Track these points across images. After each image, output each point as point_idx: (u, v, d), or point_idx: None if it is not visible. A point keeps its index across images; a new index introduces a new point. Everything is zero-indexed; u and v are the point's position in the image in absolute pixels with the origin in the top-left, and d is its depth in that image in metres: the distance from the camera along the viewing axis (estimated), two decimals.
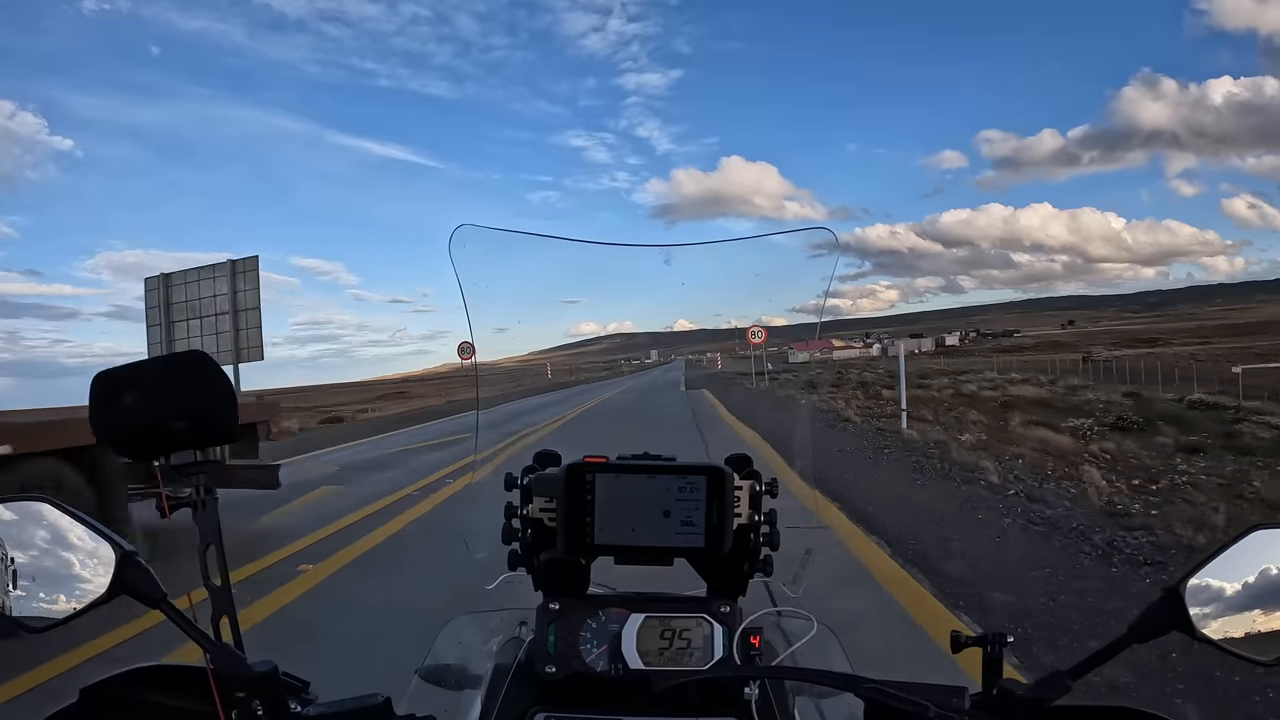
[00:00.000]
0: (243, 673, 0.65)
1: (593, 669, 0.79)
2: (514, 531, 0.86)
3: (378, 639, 3.13)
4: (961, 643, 0.71)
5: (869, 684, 0.64)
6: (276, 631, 3.49)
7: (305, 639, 3.35)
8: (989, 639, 0.69)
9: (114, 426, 0.70)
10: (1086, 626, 3.16)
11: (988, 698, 0.66)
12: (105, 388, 0.70)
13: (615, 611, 0.81)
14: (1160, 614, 0.64)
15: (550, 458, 0.89)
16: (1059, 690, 0.64)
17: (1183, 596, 0.63)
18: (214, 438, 0.73)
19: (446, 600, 3.24)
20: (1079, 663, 0.65)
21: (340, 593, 4.10)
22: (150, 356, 0.72)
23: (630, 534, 0.81)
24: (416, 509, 6.29)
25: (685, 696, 0.76)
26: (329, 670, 1.19)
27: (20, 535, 0.67)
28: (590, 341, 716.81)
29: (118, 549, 0.67)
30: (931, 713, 0.61)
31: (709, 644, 0.80)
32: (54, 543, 0.68)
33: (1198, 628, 0.63)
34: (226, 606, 0.70)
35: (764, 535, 0.86)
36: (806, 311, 1.84)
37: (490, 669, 0.86)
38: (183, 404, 0.70)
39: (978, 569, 4.04)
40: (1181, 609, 0.63)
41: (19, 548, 0.67)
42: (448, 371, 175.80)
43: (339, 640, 3.35)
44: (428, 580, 4.06)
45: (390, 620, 3.40)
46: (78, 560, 0.67)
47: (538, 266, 1.07)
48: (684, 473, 0.81)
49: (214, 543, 0.71)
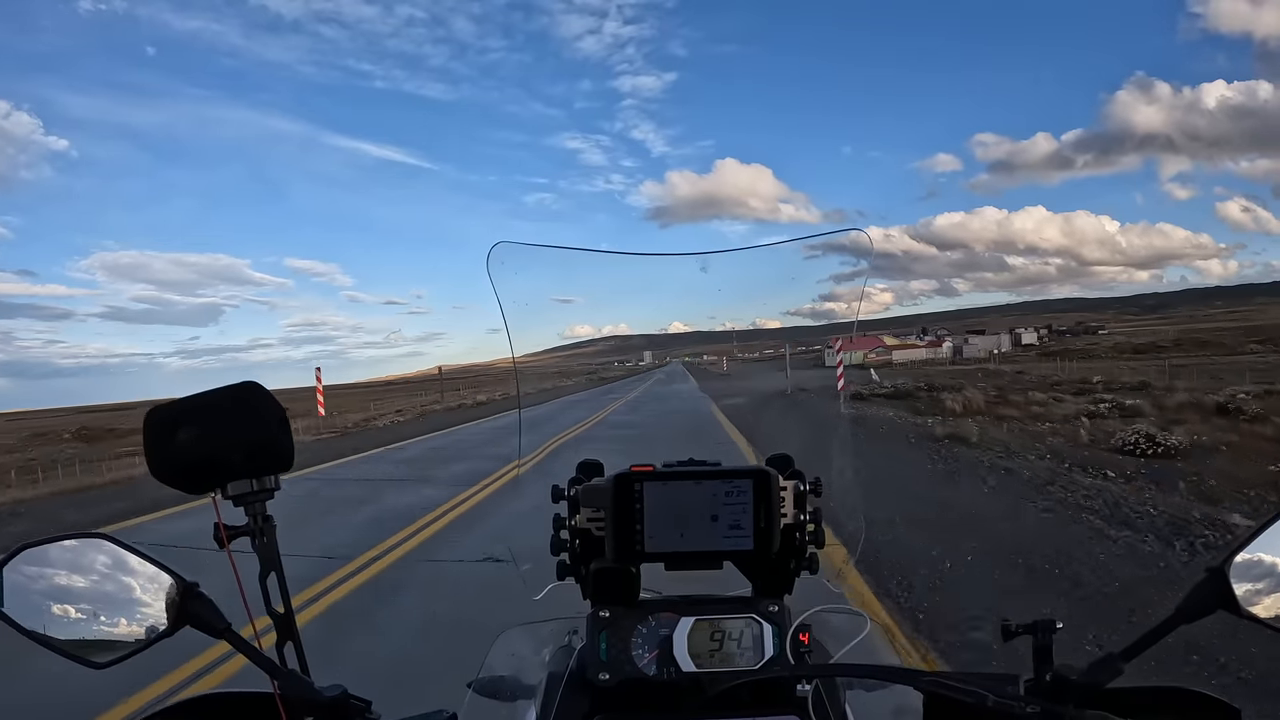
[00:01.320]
0: (311, 697, 0.66)
1: (645, 674, 0.79)
2: (562, 543, 0.87)
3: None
4: (1012, 631, 0.71)
5: (928, 677, 0.65)
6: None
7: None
8: (1038, 626, 0.69)
9: (170, 463, 0.71)
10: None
11: (1040, 683, 0.67)
12: (159, 425, 0.71)
13: (665, 616, 0.81)
14: (1206, 594, 0.64)
15: (594, 468, 0.90)
16: (1111, 673, 0.64)
17: (1227, 576, 0.64)
18: (270, 466, 0.73)
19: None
20: (1130, 645, 0.65)
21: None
22: (202, 391, 0.73)
23: (679, 540, 0.82)
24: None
25: (739, 697, 0.77)
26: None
27: (82, 571, 0.68)
28: (585, 344, 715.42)
29: (179, 582, 0.68)
30: (990, 701, 0.61)
31: (759, 644, 0.80)
32: (115, 578, 0.69)
33: (1243, 606, 0.64)
34: (290, 633, 0.71)
35: (809, 534, 0.87)
36: (801, 315, 1.87)
37: (544, 679, 0.86)
38: (237, 435, 0.71)
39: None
40: (1226, 588, 0.64)
41: (81, 584, 0.68)
42: (473, 369, 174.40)
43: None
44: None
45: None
46: (140, 595, 0.69)
47: (568, 280, 1.10)
48: (730, 477, 0.82)
49: (275, 570, 0.72)
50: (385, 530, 6.02)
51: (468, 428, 17.68)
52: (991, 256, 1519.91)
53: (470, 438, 14.84)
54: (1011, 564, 4.42)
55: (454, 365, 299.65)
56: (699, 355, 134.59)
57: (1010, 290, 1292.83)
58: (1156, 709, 0.70)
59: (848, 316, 1.23)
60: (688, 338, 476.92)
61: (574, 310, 1.73)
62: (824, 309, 1.99)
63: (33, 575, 0.67)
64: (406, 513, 6.75)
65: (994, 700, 0.61)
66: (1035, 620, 0.70)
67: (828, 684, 0.81)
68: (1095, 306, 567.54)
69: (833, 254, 1.14)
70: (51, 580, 0.68)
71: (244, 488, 0.73)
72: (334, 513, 7.05)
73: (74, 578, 0.68)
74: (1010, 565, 4.40)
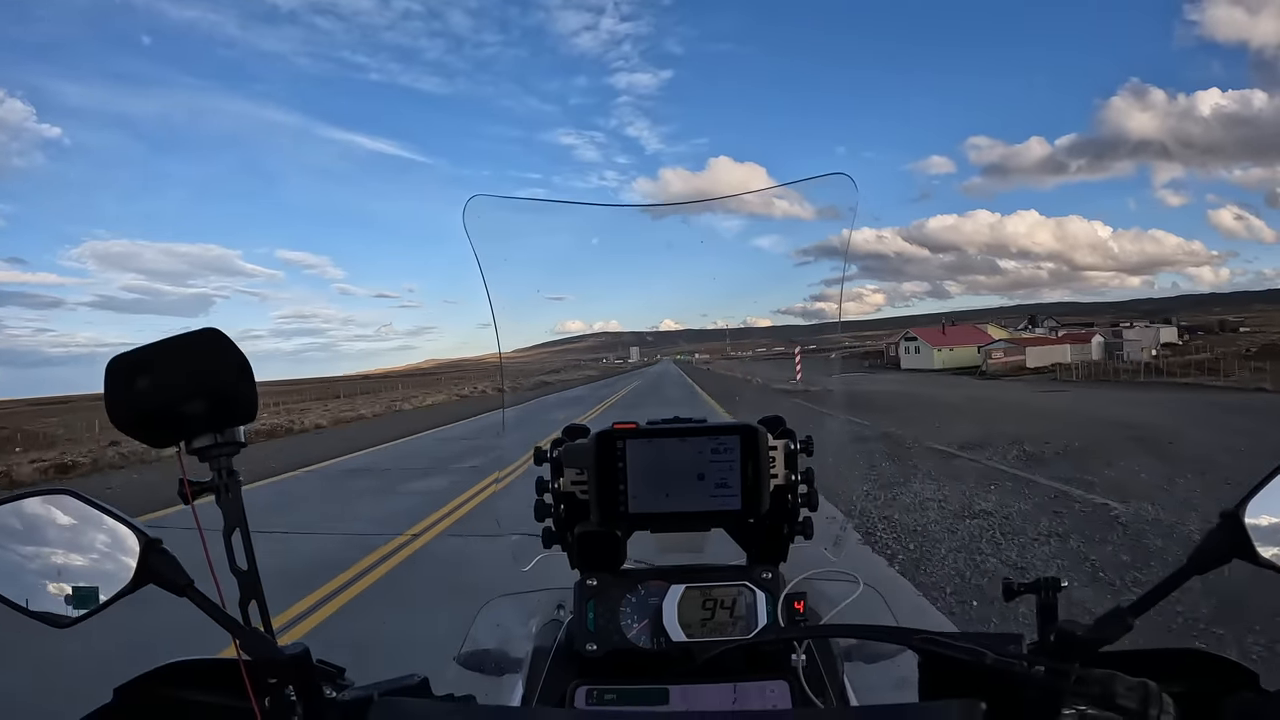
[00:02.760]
0: (273, 656, 0.63)
1: (635, 644, 0.76)
2: (546, 507, 0.83)
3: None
4: (1015, 590, 0.68)
5: (922, 635, 0.61)
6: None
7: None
8: (1041, 584, 0.66)
9: (130, 412, 0.67)
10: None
11: (1045, 643, 0.62)
12: (119, 372, 0.66)
13: (655, 584, 0.79)
14: (1220, 541, 0.58)
15: (579, 431, 0.87)
16: (1120, 629, 0.59)
17: (1243, 521, 0.58)
18: (233, 418, 0.69)
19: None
20: (1139, 599, 0.60)
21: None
22: (164, 338, 0.67)
23: (664, 500, 0.79)
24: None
25: (730, 665, 0.74)
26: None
27: (45, 529, 0.67)
28: (575, 339, 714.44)
29: (142, 537, 0.65)
30: (989, 659, 0.57)
31: (752, 611, 0.77)
32: (79, 534, 0.67)
33: (1261, 554, 0.58)
34: (255, 592, 0.68)
35: (802, 496, 0.83)
36: (792, 314, 1.85)
37: (530, 651, 0.83)
38: (199, 384, 0.66)
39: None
40: (1242, 534, 0.58)
41: (46, 541, 0.67)
42: (431, 367, 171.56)
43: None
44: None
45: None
46: (103, 550, 0.67)
47: (549, 235, 1.04)
48: (716, 433, 0.79)
49: (240, 526, 0.69)
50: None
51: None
52: (984, 259, 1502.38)
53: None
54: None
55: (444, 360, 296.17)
56: (690, 354, 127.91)
57: (1002, 293, 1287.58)
58: (1169, 671, 0.64)
59: (835, 316, 1.22)
60: (678, 335, 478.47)
61: (564, 306, 1.71)
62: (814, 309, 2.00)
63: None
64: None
65: (993, 658, 0.57)
66: (1038, 578, 0.67)
67: (824, 654, 0.79)
68: (1089, 311, 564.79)
69: (824, 258, 1.14)
70: (14, 539, 0.66)
71: (208, 440, 0.69)
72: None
73: (37, 536, 0.66)
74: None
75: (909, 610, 3.83)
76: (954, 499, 6.72)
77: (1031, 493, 6.87)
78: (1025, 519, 5.89)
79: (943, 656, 0.60)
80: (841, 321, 1.18)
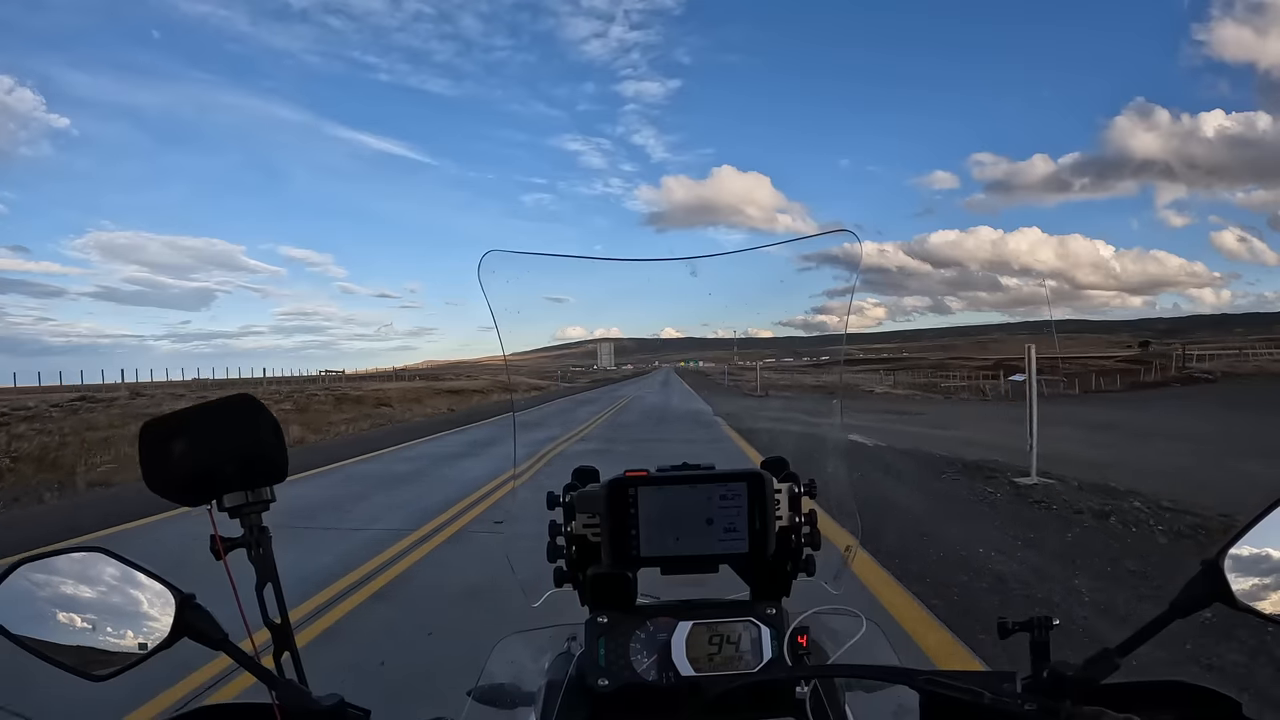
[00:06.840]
0: (309, 706, 0.65)
1: (644, 679, 0.79)
2: (559, 549, 0.87)
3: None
4: (1009, 628, 0.71)
5: (924, 676, 0.65)
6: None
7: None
8: (1035, 623, 0.69)
9: (165, 474, 0.71)
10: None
11: (1038, 680, 0.67)
12: (154, 437, 0.71)
13: (663, 620, 0.81)
14: (1201, 587, 0.64)
15: (589, 474, 0.90)
16: (1108, 668, 0.64)
17: (1222, 569, 0.63)
18: (265, 477, 0.73)
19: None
20: (1126, 640, 0.65)
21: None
22: (196, 404, 0.73)
23: (674, 544, 0.82)
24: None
25: (738, 700, 0.76)
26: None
27: (79, 585, 0.69)
28: (575, 345, 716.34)
29: (177, 594, 0.68)
30: (986, 699, 0.61)
31: (757, 646, 0.80)
32: (113, 591, 0.69)
33: (1239, 599, 0.63)
34: (288, 643, 0.71)
35: (805, 535, 0.87)
36: (793, 325, 1.84)
37: (543, 686, 0.86)
38: (232, 447, 0.71)
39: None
40: (1222, 581, 0.63)
41: (79, 597, 0.68)
42: (427, 368, 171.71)
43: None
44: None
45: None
46: (137, 607, 0.69)
47: (560, 285, 1.04)
48: (724, 480, 0.82)
49: (271, 580, 0.72)
50: None
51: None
52: (985, 276, 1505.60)
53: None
54: None
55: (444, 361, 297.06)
56: (694, 361, 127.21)
57: (1003, 310, 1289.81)
58: (1156, 703, 0.69)
59: (838, 329, 1.22)
60: (679, 343, 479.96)
61: (565, 311, 1.72)
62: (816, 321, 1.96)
63: (30, 589, 0.67)
64: None
65: (990, 698, 0.61)
66: (1031, 617, 0.70)
67: (827, 686, 0.81)
68: (1096, 330, 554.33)
69: (826, 265, 1.13)
70: (49, 594, 0.68)
71: (239, 499, 0.73)
72: None
73: (71, 591, 0.68)
74: None
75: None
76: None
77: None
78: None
79: (943, 695, 0.64)
80: (844, 363, 1.17)
